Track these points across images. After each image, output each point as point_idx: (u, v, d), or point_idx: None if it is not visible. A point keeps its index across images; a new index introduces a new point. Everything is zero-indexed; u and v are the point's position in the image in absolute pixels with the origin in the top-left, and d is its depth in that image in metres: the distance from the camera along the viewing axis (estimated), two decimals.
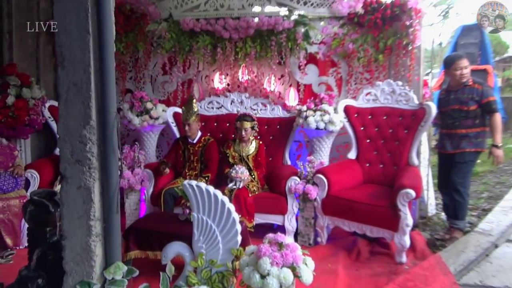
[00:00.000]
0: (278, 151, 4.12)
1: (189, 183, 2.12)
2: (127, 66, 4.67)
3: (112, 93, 1.95)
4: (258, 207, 3.57)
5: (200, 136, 3.93)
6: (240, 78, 4.45)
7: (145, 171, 3.81)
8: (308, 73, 4.28)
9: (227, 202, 2.11)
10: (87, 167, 1.95)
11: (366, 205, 3.24)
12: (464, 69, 3.38)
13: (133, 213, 3.85)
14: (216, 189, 2.23)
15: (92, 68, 1.90)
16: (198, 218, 2.12)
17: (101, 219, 2.04)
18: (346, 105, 3.90)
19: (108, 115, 1.94)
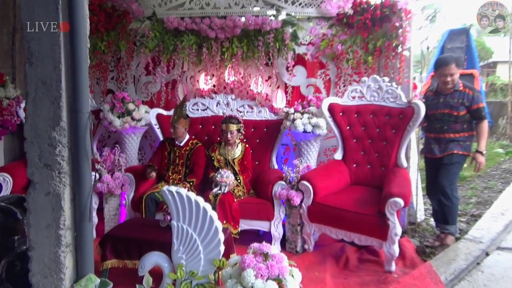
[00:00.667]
0: (265, 155, 4.03)
1: (168, 189, 1.99)
2: (108, 65, 4.55)
3: (84, 92, 1.81)
4: (243, 212, 3.47)
5: (187, 139, 3.83)
6: (226, 79, 4.37)
7: (125, 175, 3.68)
8: (296, 74, 4.21)
9: (209, 209, 1.99)
10: (56, 171, 1.82)
11: (353, 214, 3.14)
12: (449, 76, 3.33)
13: (112, 218, 3.71)
14: (198, 196, 2.11)
15: (63, 65, 1.76)
16: (177, 226, 2.00)
17: (72, 228, 1.91)
18: (330, 103, 3.78)
19: (81, 116, 1.81)
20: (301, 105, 3.85)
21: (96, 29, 4.25)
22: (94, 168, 3.63)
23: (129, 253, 2.72)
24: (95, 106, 4.36)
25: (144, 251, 2.63)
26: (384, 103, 3.69)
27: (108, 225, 3.68)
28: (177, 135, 3.76)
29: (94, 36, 4.32)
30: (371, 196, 3.33)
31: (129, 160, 4.28)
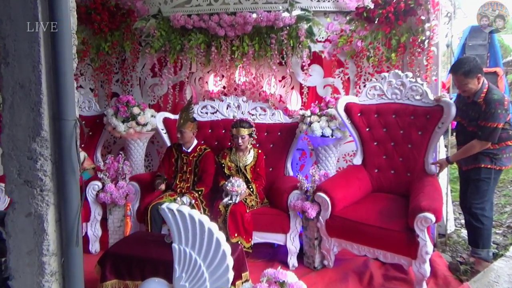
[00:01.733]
0: (279, 161, 3.82)
1: (168, 207, 1.74)
2: (113, 67, 4.43)
3: (69, 96, 1.57)
4: (256, 224, 3.27)
5: (195, 145, 3.64)
6: (237, 80, 4.20)
7: (130, 184, 3.50)
8: (312, 74, 4.02)
9: (216, 230, 1.73)
10: (38, 189, 1.58)
11: (377, 229, 2.87)
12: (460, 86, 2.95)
13: (117, 230, 3.53)
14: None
15: (43, 65, 1.52)
16: (179, 250, 1.74)
17: (58, 254, 1.66)
18: (347, 103, 3.52)
19: (65, 124, 1.57)
20: (318, 107, 3.65)
21: (99, 29, 4.14)
22: (97, 177, 3.46)
23: (131, 273, 2.52)
24: (99, 110, 4.22)
25: (146, 270, 2.43)
26: (408, 101, 3.41)
27: (112, 237, 3.52)
28: (184, 140, 3.57)
29: (97, 36, 4.25)
30: (397, 207, 3.06)
31: (135, 167, 4.13)
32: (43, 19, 1.49)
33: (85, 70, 4.44)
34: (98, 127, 4.12)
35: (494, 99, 2.82)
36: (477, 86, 2.88)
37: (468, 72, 2.84)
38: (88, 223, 3.52)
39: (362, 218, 2.98)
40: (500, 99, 2.82)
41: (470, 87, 2.88)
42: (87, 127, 4.13)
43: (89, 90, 4.45)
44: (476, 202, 2.97)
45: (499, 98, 2.82)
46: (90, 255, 3.43)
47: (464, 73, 2.86)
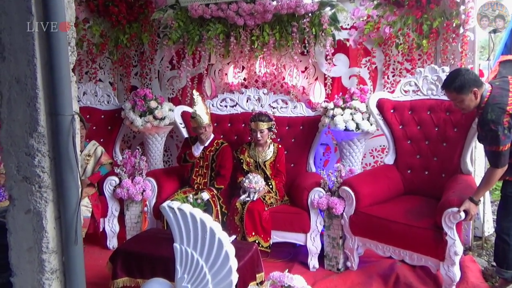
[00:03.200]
0: (301, 156, 3.77)
1: (168, 205, 1.73)
2: (131, 60, 4.52)
3: (66, 91, 1.58)
4: (275, 223, 3.25)
5: (212, 139, 3.63)
6: (257, 72, 4.18)
7: (147, 179, 3.56)
8: (336, 64, 3.94)
9: (218, 230, 1.70)
10: (36, 185, 1.60)
11: (403, 226, 2.81)
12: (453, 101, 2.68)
13: (134, 227, 3.61)
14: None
15: (38, 59, 1.53)
16: (181, 250, 1.73)
17: (59, 251, 1.69)
18: (379, 99, 3.47)
19: (62, 119, 1.58)
20: (342, 99, 3.56)
21: (117, 21, 4.23)
22: (114, 173, 3.53)
23: (142, 271, 2.57)
24: (117, 104, 4.30)
25: (157, 268, 2.46)
26: (444, 97, 3.24)
27: (129, 233, 3.60)
28: (208, 136, 3.58)
29: (115, 29, 4.34)
30: (428, 207, 2.96)
31: (153, 162, 4.21)
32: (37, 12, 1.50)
33: (104, 64, 4.54)
34: (117, 121, 4.20)
35: (487, 120, 2.46)
36: (476, 101, 2.56)
37: (461, 87, 2.53)
38: (105, 219, 3.61)
39: (388, 214, 2.94)
40: (495, 118, 2.44)
41: (466, 104, 2.57)
42: (105, 121, 4.24)
43: (108, 84, 4.54)
44: (503, 219, 2.74)
45: (495, 118, 2.44)
46: (108, 250, 3.52)
47: (455, 88, 2.56)
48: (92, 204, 3.46)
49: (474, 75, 2.58)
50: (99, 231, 3.55)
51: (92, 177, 3.58)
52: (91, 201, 3.46)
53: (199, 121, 3.45)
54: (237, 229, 3.20)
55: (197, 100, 3.46)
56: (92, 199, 3.49)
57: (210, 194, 3.36)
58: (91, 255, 3.43)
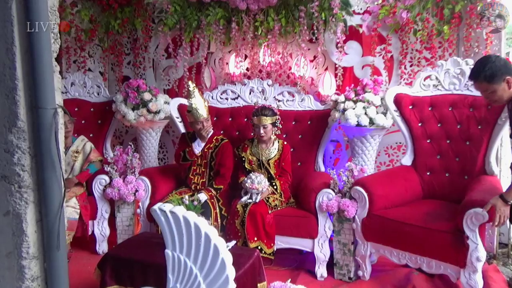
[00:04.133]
0: (309, 154, 3.78)
1: (160, 208, 1.73)
2: (124, 48, 4.54)
3: (48, 82, 1.58)
4: (280, 227, 3.26)
5: (211, 134, 3.64)
6: (261, 61, 4.19)
7: (139, 178, 3.56)
8: (348, 52, 3.95)
9: (214, 236, 1.70)
10: (16, 185, 1.61)
11: (420, 229, 2.81)
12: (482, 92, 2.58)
13: (125, 230, 3.62)
14: (200, 216, 1.83)
15: (18, 48, 1.53)
16: (173, 257, 1.73)
17: (40, 257, 1.70)
18: (397, 94, 3.48)
19: (44, 113, 1.59)
20: (354, 91, 3.55)
21: (108, 5, 4.25)
22: (104, 171, 3.54)
23: (132, 279, 2.55)
24: (108, 96, 4.31)
25: (149, 276, 2.46)
26: (468, 91, 3.33)
27: (120, 237, 3.61)
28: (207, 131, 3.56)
29: (106, 13, 4.35)
30: (448, 211, 2.97)
31: (147, 160, 4.23)
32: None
33: (94, 52, 4.55)
34: (108, 115, 4.21)
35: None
36: (509, 92, 2.48)
37: (492, 76, 2.44)
38: (95, 221, 3.63)
39: (404, 217, 2.95)
40: None
41: (499, 95, 2.49)
42: (95, 114, 4.26)
43: (98, 74, 4.56)
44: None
45: None
46: (97, 255, 3.53)
47: (486, 77, 2.46)
48: (80, 205, 3.47)
49: (505, 62, 2.50)
50: (87, 234, 3.56)
51: (80, 176, 3.59)
52: (79, 201, 3.47)
53: (196, 115, 3.44)
54: (238, 234, 3.20)
55: (194, 92, 3.45)
56: (80, 200, 3.50)
57: (208, 195, 3.37)
58: (78, 261, 3.45)
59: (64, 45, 4.38)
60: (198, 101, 3.46)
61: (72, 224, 3.38)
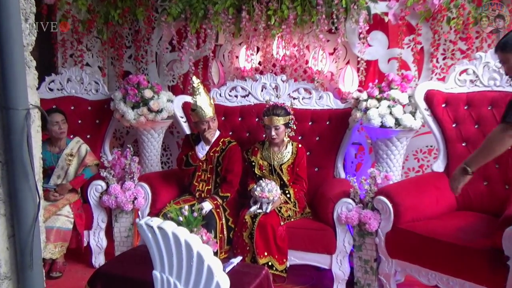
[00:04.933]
0: (328, 159, 3.76)
1: (146, 223, 1.65)
2: (124, 40, 4.57)
3: (19, 79, 1.52)
4: (293, 241, 3.22)
5: (218, 136, 3.61)
6: (274, 54, 4.18)
7: (139, 185, 3.54)
8: (372, 44, 3.90)
9: (208, 256, 1.61)
10: None
11: (453, 246, 2.72)
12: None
13: (124, 241, 3.62)
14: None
15: None
16: (162, 280, 1.65)
17: (13, 278, 1.64)
18: (428, 91, 3.43)
19: (14, 114, 1.53)
20: (378, 87, 3.49)
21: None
22: (100, 176, 3.53)
23: None
24: (107, 93, 4.32)
25: None
26: (510, 88, 3.26)
27: (118, 249, 3.61)
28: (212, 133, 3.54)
29: (105, 3, 4.38)
30: (486, 226, 2.89)
31: (148, 164, 4.21)
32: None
33: (92, 45, 4.58)
34: (107, 114, 4.20)
35: None
36: None
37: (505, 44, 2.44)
38: (90, 232, 3.63)
39: (435, 232, 2.87)
40: None
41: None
42: (93, 113, 4.27)
43: (97, 69, 4.59)
44: None
45: None
46: (93, 269, 3.48)
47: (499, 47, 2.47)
48: (74, 213, 3.47)
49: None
50: (82, 246, 3.56)
51: (74, 181, 3.61)
52: (73, 210, 3.48)
53: (201, 114, 3.40)
54: (246, 248, 3.15)
55: (198, 88, 3.41)
56: (75, 208, 3.50)
57: (213, 204, 3.33)
58: (73, 275, 3.46)
59: (60, 37, 4.41)
60: (203, 99, 3.42)
61: (66, 235, 3.41)
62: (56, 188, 3.52)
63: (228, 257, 3.19)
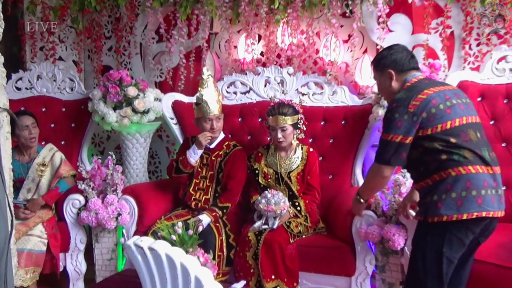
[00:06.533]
0: (344, 165, 3.81)
1: (135, 243, 1.68)
2: (103, 30, 4.60)
3: None
4: (305, 262, 3.26)
5: (222, 139, 3.69)
6: (279, 43, 4.21)
7: (123, 198, 3.57)
8: (393, 29, 3.94)
9: (207, 281, 1.64)
10: None
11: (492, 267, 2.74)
12: None
13: (107, 265, 3.64)
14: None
15: None
16: None
17: None
18: (460, 82, 3.47)
19: None
20: None
21: None
22: (77, 189, 3.56)
23: None
24: (84, 92, 4.36)
25: None
26: None
27: (100, 274, 3.65)
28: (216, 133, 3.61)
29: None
30: None
31: (133, 174, 4.23)
32: None
33: (66, 35, 4.61)
34: (84, 116, 4.25)
35: None
36: None
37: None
38: (67, 254, 3.64)
39: None
40: None
41: None
42: (68, 116, 4.31)
43: (72, 64, 4.63)
44: None
45: None
46: None
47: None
48: (48, 233, 3.49)
49: None
50: (58, 271, 3.58)
51: (47, 196, 3.62)
52: (46, 229, 3.50)
53: (206, 110, 3.46)
54: (250, 271, 3.17)
55: (208, 81, 3.49)
56: (48, 227, 3.52)
57: (211, 216, 3.35)
58: None
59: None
60: (211, 93, 3.50)
61: (39, 259, 3.41)
62: (26, 204, 3.52)
63: (227, 280, 3.23)
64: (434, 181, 2.44)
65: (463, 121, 2.42)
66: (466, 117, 2.44)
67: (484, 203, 2.33)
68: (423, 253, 2.49)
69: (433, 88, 2.52)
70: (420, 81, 2.64)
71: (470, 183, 2.33)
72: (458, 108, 2.45)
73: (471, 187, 2.33)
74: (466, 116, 2.45)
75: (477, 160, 2.37)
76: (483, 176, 2.36)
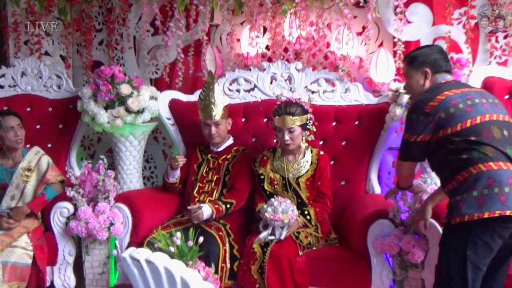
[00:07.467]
0: (358, 169, 3.84)
1: (131, 256, 1.69)
2: (93, 22, 4.62)
3: None
4: (316, 275, 3.26)
5: (230, 144, 3.79)
6: (286, 36, 4.23)
7: (116, 206, 3.59)
8: (412, 20, 3.95)
9: None
10: None
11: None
12: None
13: (97, 280, 3.66)
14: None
15: None
16: None
17: None
18: (486, 78, 3.54)
19: None
20: None
21: None
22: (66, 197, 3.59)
23: None
24: (73, 90, 4.37)
25: None
26: None
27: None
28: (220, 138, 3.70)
29: None
30: None
31: (127, 179, 4.24)
32: None
33: (52, 28, 4.61)
34: (73, 116, 4.26)
35: None
36: None
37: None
38: (54, 268, 3.67)
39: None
40: None
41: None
42: (55, 116, 4.32)
43: (59, 59, 4.66)
44: None
45: None
46: None
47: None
48: (34, 245, 3.50)
49: None
50: (45, 286, 3.59)
51: (33, 203, 3.63)
52: (32, 240, 3.50)
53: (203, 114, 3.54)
54: (255, 286, 3.17)
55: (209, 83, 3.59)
56: (34, 238, 3.53)
57: (214, 208, 3.39)
58: None
59: (11, 19, 4.43)
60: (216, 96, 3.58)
61: (24, 272, 3.42)
62: (10, 213, 3.53)
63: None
64: (458, 182, 2.52)
65: (486, 118, 2.50)
66: (490, 115, 2.52)
67: (508, 201, 2.35)
68: (447, 258, 2.55)
69: (456, 90, 2.64)
70: (446, 83, 2.75)
71: (492, 180, 2.37)
72: (481, 107, 2.54)
73: (493, 184, 2.37)
74: (490, 113, 2.53)
75: (500, 156, 2.43)
76: (507, 173, 2.39)
